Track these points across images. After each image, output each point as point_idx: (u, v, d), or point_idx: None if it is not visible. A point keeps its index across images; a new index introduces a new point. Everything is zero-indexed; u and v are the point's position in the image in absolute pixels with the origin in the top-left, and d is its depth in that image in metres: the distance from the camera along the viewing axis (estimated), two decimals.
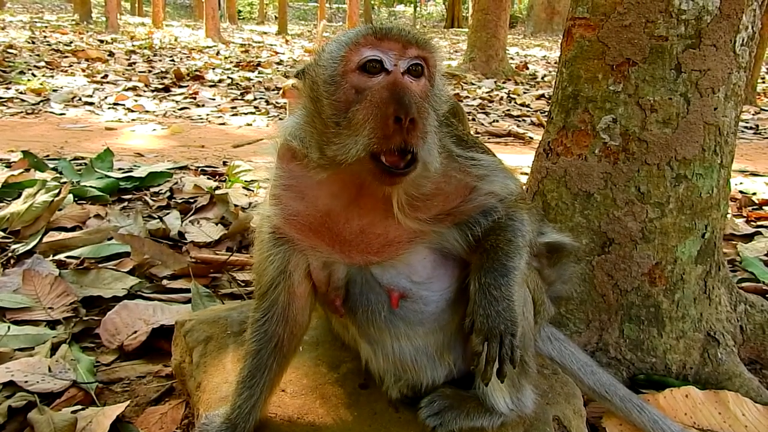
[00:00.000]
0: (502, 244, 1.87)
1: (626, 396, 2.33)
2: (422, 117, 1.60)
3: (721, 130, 2.63)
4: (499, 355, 1.80)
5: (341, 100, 1.64)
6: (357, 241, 1.86)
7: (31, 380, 2.53)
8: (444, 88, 1.79)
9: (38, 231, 4.06)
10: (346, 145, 1.61)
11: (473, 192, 1.87)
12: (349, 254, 1.88)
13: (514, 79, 17.44)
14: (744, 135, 10.75)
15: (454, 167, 1.85)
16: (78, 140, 8.09)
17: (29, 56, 16.61)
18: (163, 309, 3.17)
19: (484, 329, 1.81)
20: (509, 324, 1.81)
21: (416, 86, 1.66)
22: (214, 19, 27.46)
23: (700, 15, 2.49)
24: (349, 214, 1.83)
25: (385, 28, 1.64)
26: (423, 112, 1.62)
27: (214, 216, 4.69)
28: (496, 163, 1.98)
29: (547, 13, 39.04)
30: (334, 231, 1.85)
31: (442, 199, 1.84)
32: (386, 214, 1.82)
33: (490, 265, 1.84)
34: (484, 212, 1.88)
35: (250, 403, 1.97)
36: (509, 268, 1.85)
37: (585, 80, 2.70)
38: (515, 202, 1.94)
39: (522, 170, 6.54)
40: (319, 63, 1.71)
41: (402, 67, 1.65)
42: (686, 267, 2.72)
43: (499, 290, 1.82)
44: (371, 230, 1.84)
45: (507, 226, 1.89)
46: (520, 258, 1.89)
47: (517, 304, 1.87)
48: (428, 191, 1.80)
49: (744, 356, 2.90)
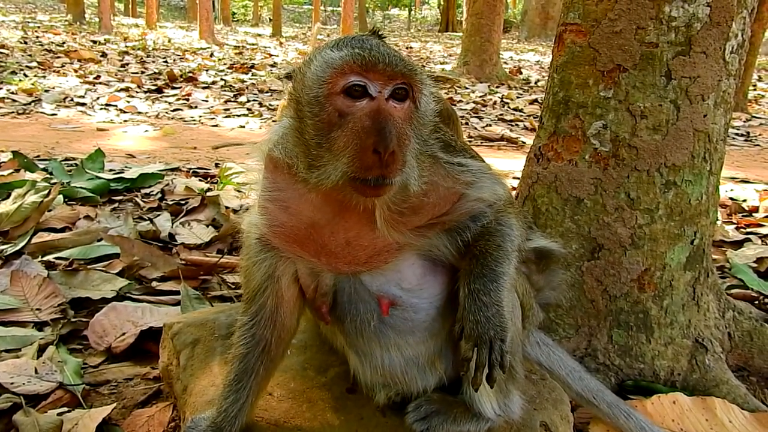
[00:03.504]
0: (491, 249, 1.87)
1: (614, 402, 2.34)
2: (402, 146, 1.62)
3: (710, 137, 2.64)
4: (489, 360, 1.79)
5: (324, 122, 1.64)
6: (344, 253, 1.85)
7: (17, 382, 2.51)
8: (429, 105, 1.76)
9: (27, 232, 4.03)
10: (327, 170, 1.63)
11: (461, 198, 1.87)
12: (335, 265, 1.88)
13: (507, 84, 17.48)
14: (734, 142, 10.81)
15: (441, 174, 1.84)
16: (69, 141, 8.06)
17: (21, 56, 16.53)
18: (152, 311, 3.15)
19: (473, 335, 1.80)
20: (499, 330, 1.81)
21: (399, 111, 1.65)
22: (208, 21, 27.41)
23: (690, 22, 2.50)
24: (335, 227, 1.83)
25: (372, 58, 1.61)
26: (403, 140, 1.63)
27: (205, 218, 4.67)
28: (484, 168, 1.98)
29: (541, 18, 39.16)
30: (320, 243, 1.85)
31: (429, 209, 1.84)
32: (372, 226, 1.81)
33: (479, 271, 1.84)
34: (473, 217, 1.88)
35: (236, 407, 1.96)
36: (498, 274, 1.85)
37: (576, 86, 2.71)
38: (504, 207, 1.94)
39: (514, 174, 6.57)
40: (304, 82, 1.69)
41: (386, 93, 1.64)
42: (675, 273, 2.73)
43: (488, 296, 1.82)
44: (358, 242, 1.84)
45: (496, 232, 1.89)
46: (509, 263, 1.89)
47: (507, 309, 1.86)
48: (414, 202, 1.79)
49: (732, 363, 2.91)
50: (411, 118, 1.68)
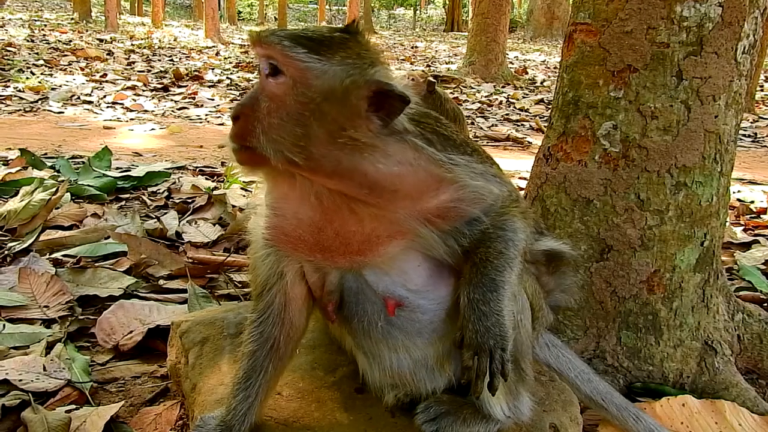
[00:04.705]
0: (491, 257, 1.83)
1: (622, 404, 2.32)
2: (258, 116, 1.66)
3: (721, 138, 2.63)
4: (489, 369, 1.78)
5: None
6: (336, 245, 1.85)
7: (25, 379, 2.51)
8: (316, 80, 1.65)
9: (35, 229, 4.04)
10: None
11: (447, 192, 1.81)
12: (333, 259, 1.88)
13: (513, 84, 17.44)
14: (742, 143, 10.76)
15: (418, 159, 1.78)
16: (76, 139, 8.08)
17: (28, 54, 16.58)
18: (159, 309, 3.15)
19: (473, 344, 1.79)
20: (499, 339, 1.79)
21: (273, 85, 1.67)
22: (213, 20, 27.44)
23: (701, 22, 2.49)
24: (319, 222, 1.83)
25: (251, 37, 1.69)
26: (261, 110, 1.67)
27: (212, 216, 4.67)
28: (473, 164, 1.90)
29: (547, 18, 39.08)
30: (311, 240, 1.86)
31: (406, 191, 1.78)
32: (351, 209, 1.80)
33: (479, 280, 1.82)
34: (468, 222, 1.84)
35: (245, 405, 1.95)
36: (498, 283, 1.82)
37: (586, 86, 2.69)
38: (506, 209, 1.89)
39: (520, 175, 6.57)
40: None
41: (264, 70, 1.68)
42: (685, 275, 2.72)
43: (487, 305, 1.79)
44: (345, 229, 1.83)
45: (498, 238, 1.85)
46: (510, 271, 1.86)
47: (507, 318, 1.83)
48: (379, 181, 1.74)
49: (741, 366, 2.90)
50: (288, 93, 1.66)
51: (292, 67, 1.64)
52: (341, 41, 1.70)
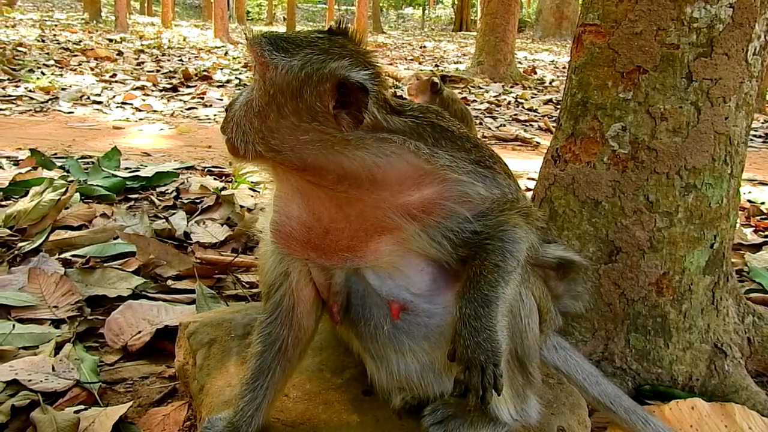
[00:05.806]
0: (486, 271, 1.80)
1: (631, 407, 2.31)
2: (233, 106, 1.80)
3: (731, 140, 2.61)
4: (481, 384, 1.76)
5: None
6: (327, 243, 1.86)
7: (34, 379, 2.52)
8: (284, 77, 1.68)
9: (44, 229, 4.06)
10: None
11: (431, 183, 1.79)
12: (328, 258, 1.89)
13: (522, 84, 17.38)
14: (753, 144, 10.68)
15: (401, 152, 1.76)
16: (86, 139, 8.11)
17: (39, 54, 16.67)
18: (168, 309, 3.17)
19: (464, 359, 1.77)
20: (490, 354, 1.76)
21: (258, 82, 1.74)
22: (222, 20, 27.54)
23: (712, 23, 2.47)
24: (308, 220, 1.86)
25: (248, 39, 1.76)
26: (240, 105, 1.78)
27: (220, 217, 4.69)
28: (466, 162, 1.85)
29: (556, 18, 38.99)
30: (302, 238, 1.88)
31: (389, 185, 1.77)
32: (337, 205, 1.81)
33: (471, 295, 1.78)
34: (458, 221, 1.80)
35: (253, 406, 1.96)
36: (491, 299, 1.78)
37: (594, 87, 2.68)
38: (505, 213, 1.85)
39: (528, 175, 6.55)
40: None
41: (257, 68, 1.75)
42: (694, 277, 2.70)
43: (479, 321, 1.76)
44: (334, 226, 1.84)
45: (496, 250, 1.81)
46: (505, 285, 1.81)
47: (500, 333, 1.80)
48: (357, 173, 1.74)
49: (751, 369, 2.88)
50: (255, 88, 1.75)
51: (258, 63, 1.72)
52: (313, 40, 1.72)
